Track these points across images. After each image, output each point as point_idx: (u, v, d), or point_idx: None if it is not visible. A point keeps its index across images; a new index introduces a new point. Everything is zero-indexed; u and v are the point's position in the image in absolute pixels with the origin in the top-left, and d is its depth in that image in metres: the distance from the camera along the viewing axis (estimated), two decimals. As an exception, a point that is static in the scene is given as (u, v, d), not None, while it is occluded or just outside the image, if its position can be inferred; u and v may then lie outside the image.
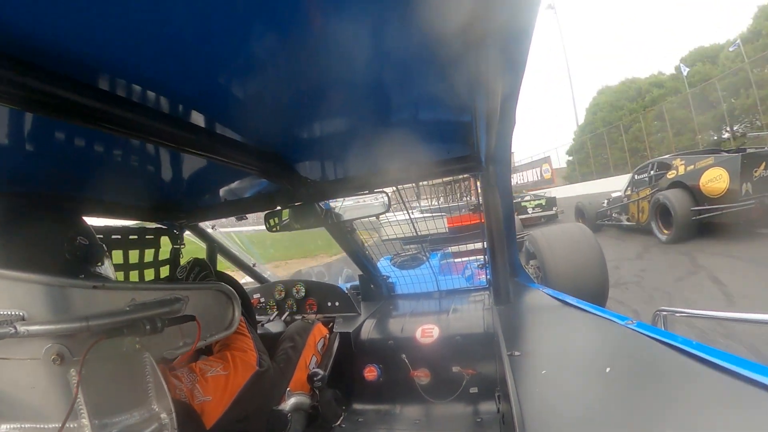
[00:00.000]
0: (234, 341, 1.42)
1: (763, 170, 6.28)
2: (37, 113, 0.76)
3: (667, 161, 8.35)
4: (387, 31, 0.75)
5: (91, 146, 1.12)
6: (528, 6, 0.74)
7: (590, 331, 1.27)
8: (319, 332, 2.12)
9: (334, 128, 1.27)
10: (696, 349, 0.88)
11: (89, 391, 0.65)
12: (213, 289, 1.09)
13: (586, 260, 3.12)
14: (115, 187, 1.55)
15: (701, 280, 5.17)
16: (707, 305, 3.92)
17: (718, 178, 6.61)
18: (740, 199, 6.29)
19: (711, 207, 6.74)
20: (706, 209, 6.80)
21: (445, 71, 0.94)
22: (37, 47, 0.62)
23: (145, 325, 0.76)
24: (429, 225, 2.67)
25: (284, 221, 1.99)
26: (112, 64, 0.73)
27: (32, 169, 1.18)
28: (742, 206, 6.29)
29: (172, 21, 0.62)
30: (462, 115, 1.25)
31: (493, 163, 1.64)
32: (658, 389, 0.79)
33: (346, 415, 1.98)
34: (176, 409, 0.84)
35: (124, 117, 0.82)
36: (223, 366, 1.30)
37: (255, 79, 0.89)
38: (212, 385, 1.23)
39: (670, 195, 7.41)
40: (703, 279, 5.17)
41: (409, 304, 2.58)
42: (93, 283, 0.71)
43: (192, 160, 1.33)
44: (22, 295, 0.60)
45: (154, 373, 0.80)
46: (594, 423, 0.73)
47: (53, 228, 0.92)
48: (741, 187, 6.25)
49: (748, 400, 0.68)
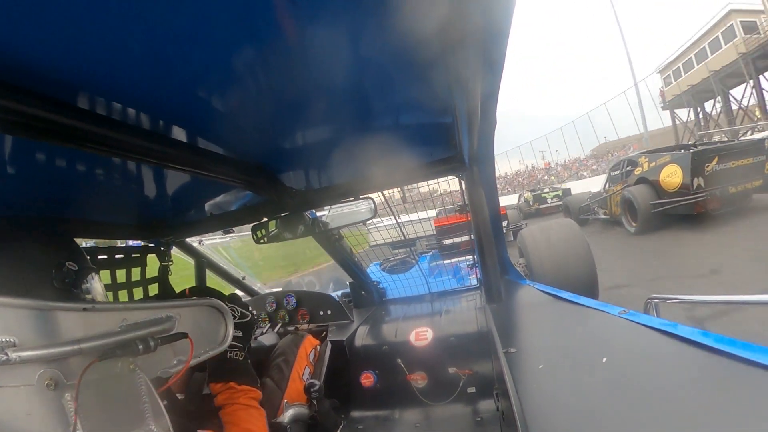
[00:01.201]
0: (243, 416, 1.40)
1: (715, 165, 6.87)
2: (18, 136, 0.75)
3: (635, 159, 8.99)
4: (364, 37, 0.76)
5: (76, 167, 1.10)
6: (504, 7, 0.75)
7: (584, 324, 1.28)
8: (309, 343, 2.12)
9: (316, 137, 1.27)
10: (686, 333, 0.90)
11: (86, 415, 0.64)
12: (204, 305, 1.08)
13: (572, 255, 3.14)
14: (100, 207, 1.53)
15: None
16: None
17: (674, 173, 7.32)
18: (692, 192, 6.95)
19: (667, 201, 7.45)
20: (663, 203, 7.53)
21: (424, 74, 0.95)
22: (16, 68, 0.61)
23: (138, 345, 0.75)
24: (416, 228, 2.68)
25: (271, 232, 1.98)
26: (92, 83, 0.72)
27: (17, 192, 1.16)
28: (694, 199, 6.94)
29: (150, 38, 0.62)
30: (443, 117, 1.27)
31: (477, 162, 1.65)
32: (653, 376, 0.81)
33: (345, 423, 1.97)
34: None
35: (106, 136, 0.81)
36: None
37: (235, 92, 0.89)
38: None
39: (634, 190, 8.20)
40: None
41: (402, 309, 2.59)
42: (83, 305, 0.70)
43: (176, 176, 1.32)
44: (12, 320, 0.59)
45: (149, 393, 0.79)
46: (594, 413, 0.74)
47: (40, 255, 0.90)
48: (692, 182, 6.92)
49: (741, 379, 0.70)
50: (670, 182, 7.43)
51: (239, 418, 1.38)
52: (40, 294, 0.65)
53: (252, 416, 1.41)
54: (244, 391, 1.44)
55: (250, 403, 1.43)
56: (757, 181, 7.00)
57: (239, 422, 1.37)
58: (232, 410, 1.39)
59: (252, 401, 1.44)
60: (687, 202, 7.05)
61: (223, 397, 1.43)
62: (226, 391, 1.43)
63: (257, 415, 1.42)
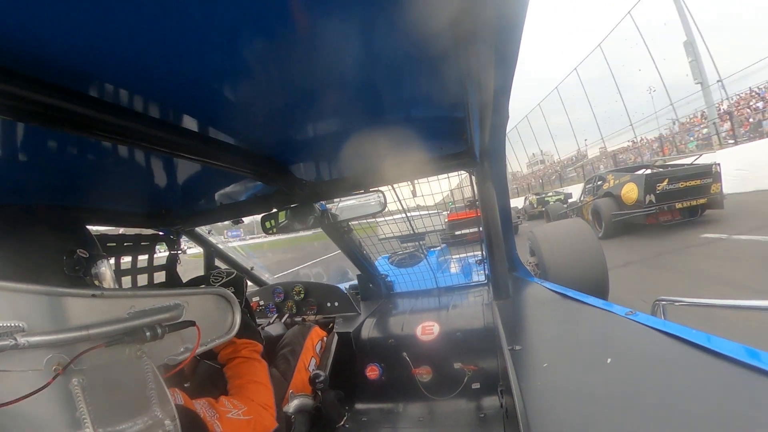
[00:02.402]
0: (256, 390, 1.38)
1: (665, 185, 8.53)
2: (32, 124, 0.76)
3: (604, 175, 10.74)
4: (377, 30, 0.75)
5: (88, 156, 1.11)
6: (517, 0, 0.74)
7: (590, 323, 1.27)
8: (316, 335, 2.13)
9: (327, 129, 1.26)
10: (695, 338, 0.89)
11: (92, 400, 0.65)
12: (212, 294, 1.09)
13: (585, 255, 3.11)
14: (112, 196, 1.55)
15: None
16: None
17: (632, 190, 9.05)
18: (645, 206, 8.66)
19: (626, 212, 9.20)
20: (622, 214, 9.28)
21: (436, 68, 0.94)
22: (31, 58, 0.62)
23: (146, 332, 0.76)
24: (426, 222, 2.67)
25: (281, 223, 1.99)
26: (105, 73, 0.73)
27: (30, 180, 1.18)
28: (647, 212, 8.67)
29: (163, 28, 0.62)
30: (455, 111, 1.25)
31: (488, 157, 1.64)
32: (658, 379, 0.80)
33: (350, 415, 1.98)
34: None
35: (119, 124, 0.82)
36: (245, 411, 1.27)
37: (247, 83, 0.89)
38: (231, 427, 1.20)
39: (600, 202, 10.00)
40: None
41: (409, 302, 2.58)
42: (92, 292, 0.70)
43: (187, 165, 1.33)
44: (21, 306, 0.59)
45: (156, 379, 0.80)
46: (597, 414, 0.73)
47: (53, 241, 0.91)
48: (645, 198, 8.62)
49: (747, 386, 0.68)
50: (628, 197, 9.15)
51: (241, 370, 1.40)
52: (50, 280, 0.66)
53: (254, 368, 1.42)
54: (244, 344, 1.45)
55: (251, 356, 1.44)
56: (702, 199, 8.56)
57: (241, 374, 1.39)
58: (234, 364, 1.41)
59: (253, 353, 1.46)
60: (640, 214, 8.80)
61: (225, 353, 1.45)
62: (227, 346, 1.44)
63: (259, 366, 1.44)
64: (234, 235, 16.80)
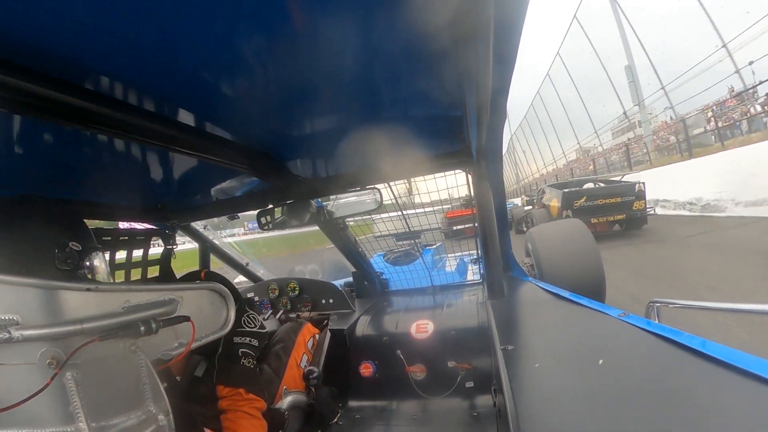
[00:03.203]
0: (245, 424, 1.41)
1: (583, 202, 9.83)
2: (28, 116, 0.76)
3: (544, 189, 12.58)
4: (375, 27, 0.75)
5: (84, 148, 1.11)
6: (517, 0, 0.74)
7: (583, 324, 1.28)
8: (308, 331, 2.12)
9: (324, 125, 1.26)
10: (687, 341, 0.89)
11: (86, 394, 0.64)
12: (206, 289, 1.09)
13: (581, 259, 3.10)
14: (107, 189, 1.54)
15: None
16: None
17: (555, 205, 10.66)
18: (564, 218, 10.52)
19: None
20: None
21: (434, 66, 0.94)
22: (28, 50, 0.61)
23: (140, 326, 0.76)
24: (422, 220, 2.67)
25: (277, 219, 1.98)
26: (101, 66, 0.72)
27: (25, 171, 1.17)
28: None
29: (161, 21, 0.61)
30: (452, 110, 1.25)
31: (485, 157, 1.64)
32: (649, 381, 0.80)
33: (343, 412, 1.98)
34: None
35: (115, 117, 0.81)
36: None
37: (244, 78, 0.89)
38: None
39: (535, 212, 11.91)
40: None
41: (403, 300, 2.59)
42: (87, 286, 0.70)
43: (183, 160, 1.32)
44: (15, 299, 0.59)
45: (150, 374, 0.80)
46: (587, 415, 0.74)
47: (44, 234, 0.90)
48: (563, 213, 9.98)
49: (739, 392, 0.69)
50: (553, 209, 10.86)
51: (241, 425, 1.40)
52: (41, 273, 0.65)
53: (254, 426, 1.43)
54: (250, 400, 1.45)
55: (253, 413, 1.45)
56: (620, 215, 9.55)
57: (240, 430, 1.39)
58: (235, 417, 1.41)
59: (256, 411, 1.46)
60: None
61: (228, 402, 1.45)
62: (233, 396, 1.45)
63: (258, 425, 1.44)
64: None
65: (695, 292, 4.49)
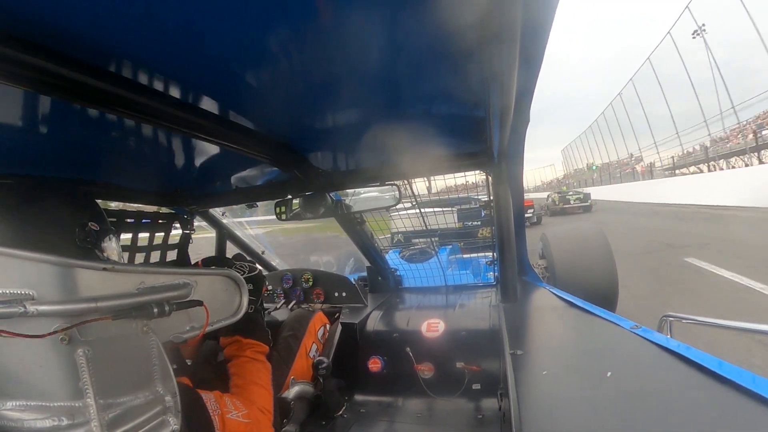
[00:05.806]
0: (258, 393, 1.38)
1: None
2: (52, 96, 0.77)
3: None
4: (401, 23, 0.74)
5: (106, 131, 1.13)
6: (546, 1, 0.72)
7: (594, 334, 1.26)
8: (319, 320, 2.13)
9: (346, 119, 1.26)
10: (699, 358, 0.87)
11: (95, 372, 0.65)
12: (221, 275, 1.10)
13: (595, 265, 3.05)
14: (127, 172, 1.57)
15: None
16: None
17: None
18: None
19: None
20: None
21: (459, 65, 0.93)
22: (52, 31, 0.62)
23: (153, 308, 0.77)
24: (439, 219, 2.66)
25: (294, 210, 2.00)
26: (126, 49, 0.73)
27: (47, 152, 1.20)
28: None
29: (187, 8, 0.62)
30: (475, 110, 1.24)
31: (506, 159, 1.62)
32: (656, 397, 0.78)
33: (348, 405, 1.99)
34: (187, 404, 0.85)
35: (138, 102, 0.82)
36: (245, 414, 1.27)
37: (269, 68, 0.89)
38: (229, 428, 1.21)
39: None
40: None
41: (416, 298, 2.59)
42: (103, 265, 0.71)
43: (204, 146, 1.34)
44: (32, 274, 0.60)
45: (160, 356, 0.81)
46: (591, 427, 0.73)
47: (66, 213, 0.92)
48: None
49: (750, 415, 0.67)
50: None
51: (244, 370, 1.40)
52: (62, 251, 0.66)
53: (257, 369, 1.43)
54: (250, 344, 1.46)
55: (256, 357, 1.45)
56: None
57: (244, 374, 1.39)
58: (238, 362, 1.42)
59: (258, 355, 1.46)
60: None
61: (230, 349, 1.46)
62: (233, 344, 1.46)
63: (262, 368, 1.44)
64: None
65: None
